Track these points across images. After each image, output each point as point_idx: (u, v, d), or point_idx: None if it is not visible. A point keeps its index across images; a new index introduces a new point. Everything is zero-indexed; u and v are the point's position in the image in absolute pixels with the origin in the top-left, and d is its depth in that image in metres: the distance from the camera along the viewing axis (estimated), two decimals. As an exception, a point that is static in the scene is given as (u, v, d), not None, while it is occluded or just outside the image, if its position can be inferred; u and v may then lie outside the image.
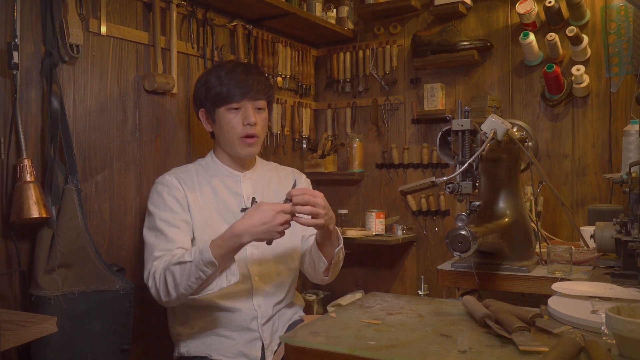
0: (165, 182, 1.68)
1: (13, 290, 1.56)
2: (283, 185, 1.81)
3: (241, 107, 1.67)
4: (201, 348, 1.62)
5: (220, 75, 1.68)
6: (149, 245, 1.60)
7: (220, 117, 1.69)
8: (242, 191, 1.73)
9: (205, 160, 1.80)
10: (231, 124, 1.67)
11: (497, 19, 2.53)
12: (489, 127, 1.37)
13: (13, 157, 1.54)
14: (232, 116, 1.67)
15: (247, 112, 1.67)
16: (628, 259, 1.32)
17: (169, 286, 1.49)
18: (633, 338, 0.83)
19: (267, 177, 1.82)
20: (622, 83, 2.26)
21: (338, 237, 1.64)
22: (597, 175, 2.32)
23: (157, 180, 1.72)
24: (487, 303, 1.10)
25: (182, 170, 1.74)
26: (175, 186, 1.67)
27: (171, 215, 1.62)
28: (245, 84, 1.67)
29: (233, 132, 1.68)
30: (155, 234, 1.60)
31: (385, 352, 0.91)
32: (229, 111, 1.67)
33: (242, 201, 1.72)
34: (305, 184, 1.88)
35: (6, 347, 1.09)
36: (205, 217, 1.66)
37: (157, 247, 1.58)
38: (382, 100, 2.79)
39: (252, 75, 1.70)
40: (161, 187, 1.67)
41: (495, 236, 1.44)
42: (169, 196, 1.64)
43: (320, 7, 2.65)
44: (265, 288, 1.67)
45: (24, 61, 1.58)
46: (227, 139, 1.70)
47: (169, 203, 1.63)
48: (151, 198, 1.68)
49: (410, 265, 2.74)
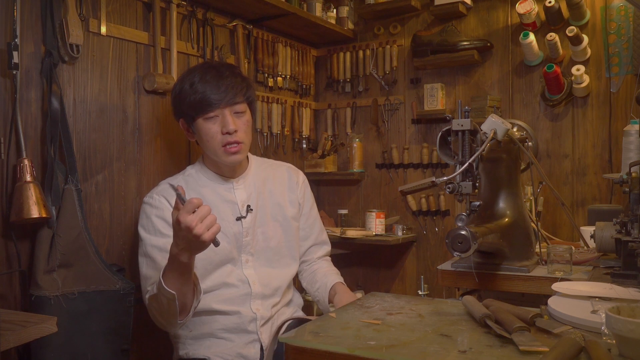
0: (154, 203, 1.61)
1: (13, 290, 1.56)
2: (278, 186, 1.78)
3: (219, 115, 1.58)
4: (200, 350, 1.62)
5: (193, 82, 1.59)
6: (143, 277, 1.57)
7: (198, 127, 1.61)
8: (237, 199, 1.68)
9: (195, 169, 1.72)
10: (210, 133, 1.59)
11: (497, 19, 2.53)
12: (489, 127, 1.37)
13: (13, 157, 1.54)
14: (211, 125, 1.59)
15: (225, 120, 1.58)
16: (628, 259, 1.32)
17: (160, 319, 1.48)
18: (633, 338, 0.83)
19: (261, 178, 1.76)
20: (622, 83, 2.26)
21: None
22: (597, 175, 2.32)
23: (145, 199, 1.64)
24: (487, 303, 1.09)
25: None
26: (164, 206, 1.60)
27: (161, 240, 1.56)
28: (218, 90, 1.57)
29: (213, 142, 1.59)
30: (147, 262, 1.57)
31: (385, 352, 0.91)
32: (207, 120, 1.58)
33: (237, 210, 1.66)
34: (302, 185, 1.84)
35: (6, 347, 1.09)
36: None
37: (150, 278, 1.54)
38: (382, 100, 2.79)
39: (226, 79, 1.60)
40: (149, 208, 1.61)
41: (495, 236, 1.44)
42: (157, 219, 1.59)
43: (320, 7, 2.65)
44: (263, 291, 1.66)
45: (24, 61, 1.58)
46: (210, 149, 1.62)
47: (158, 226, 1.58)
48: (141, 220, 1.63)
49: (410, 265, 2.74)
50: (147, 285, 1.54)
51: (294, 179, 1.82)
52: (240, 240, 1.66)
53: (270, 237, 1.70)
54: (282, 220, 1.75)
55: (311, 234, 1.82)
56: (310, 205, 1.84)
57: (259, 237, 1.68)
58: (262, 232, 1.70)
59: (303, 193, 1.82)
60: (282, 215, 1.75)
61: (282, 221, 1.75)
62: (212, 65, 1.66)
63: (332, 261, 1.91)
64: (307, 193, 1.84)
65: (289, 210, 1.77)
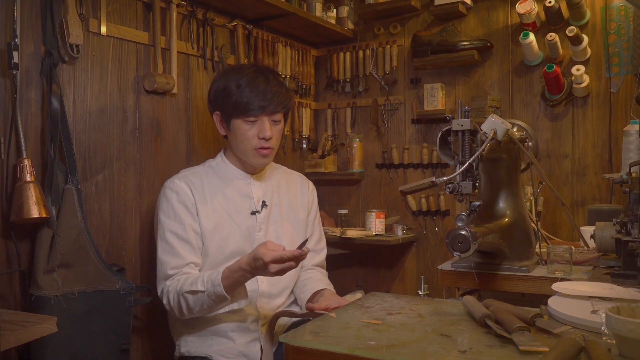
0: (175, 188, 1.66)
1: (13, 290, 1.56)
2: (292, 189, 1.84)
3: (258, 120, 1.65)
4: (201, 348, 1.62)
5: (240, 84, 1.64)
6: (160, 261, 1.62)
7: (236, 126, 1.67)
8: (253, 194, 1.73)
9: (216, 162, 1.78)
10: (246, 135, 1.65)
11: (497, 19, 2.53)
12: (489, 127, 1.37)
13: (13, 157, 1.54)
14: (248, 127, 1.65)
15: (264, 126, 1.64)
16: (628, 259, 1.31)
17: (183, 309, 1.54)
18: (633, 338, 0.83)
19: (276, 180, 1.82)
20: (622, 83, 2.26)
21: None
22: (597, 175, 2.31)
23: (165, 184, 1.70)
24: (487, 303, 1.09)
25: (192, 173, 1.73)
26: (185, 192, 1.65)
27: (180, 226, 1.62)
28: (264, 97, 1.63)
29: (248, 144, 1.66)
30: (164, 246, 1.62)
31: (385, 352, 0.91)
32: (246, 122, 1.65)
33: (252, 204, 1.72)
34: (312, 192, 1.90)
35: (6, 347, 1.09)
36: (214, 223, 1.65)
37: (168, 264, 1.60)
38: (382, 100, 2.79)
39: (273, 87, 1.66)
40: (170, 193, 1.66)
41: (495, 236, 1.44)
42: (178, 204, 1.64)
43: (320, 7, 2.65)
44: (270, 290, 1.67)
45: (24, 61, 1.58)
46: (240, 148, 1.68)
47: (178, 211, 1.63)
48: (160, 204, 1.67)
49: (410, 265, 2.74)
50: (166, 270, 1.60)
51: (305, 186, 1.89)
52: (253, 235, 1.69)
53: (282, 235, 1.74)
54: (294, 221, 1.79)
55: (309, 240, 1.83)
56: (315, 213, 1.89)
57: (272, 235, 1.72)
58: (275, 229, 1.74)
59: (312, 200, 1.89)
60: (295, 216, 1.80)
61: (294, 222, 1.79)
62: (260, 70, 1.71)
63: (331, 261, 1.92)
64: (314, 201, 1.90)
65: (301, 213, 1.82)
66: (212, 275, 1.49)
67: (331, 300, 1.54)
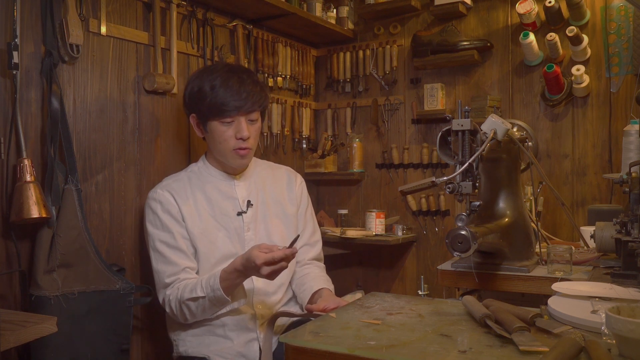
0: (158, 198, 1.67)
1: (13, 290, 1.56)
2: (278, 185, 1.82)
3: (234, 120, 1.64)
4: (199, 348, 1.62)
5: (214, 85, 1.63)
6: (156, 272, 1.64)
7: (212, 128, 1.66)
8: (237, 195, 1.73)
9: (197, 166, 1.78)
10: (223, 136, 1.64)
11: (497, 19, 2.53)
12: (489, 127, 1.37)
13: (13, 157, 1.54)
14: (225, 128, 1.64)
15: (241, 126, 1.64)
16: (628, 259, 1.31)
17: (187, 315, 1.57)
18: (633, 338, 0.83)
19: (260, 178, 1.81)
20: (622, 83, 2.26)
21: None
22: (597, 175, 2.31)
23: (149, 194, 1.70)
24: (487, 303, 1.09)
25: (174, 180, 1.73)
26: (168, 200, 1.66)
27: (169, 235, 1.63)
28: (239, 97, 1.62)
29: (225, 145, 1.65)
30: (159, 257, 1.63)
31: (385, 352, 0.91)
32: (222, 124, 1.64)
33: (237, 205, 1.71)
34: (300, 185, 1.87)
35: (6, 347, 1.09)
36: (201, 227, 1.66)
37: (164, 272, 1.61)
38: (382, 100, 2.79)
39: (247, 86, 1.64)
40: (154, 203, 1.66)
41: (495, 236, 1.44)
42: (164, 213, 1.64)
43: (320, 7, 2.65)
44: (266, 287, 1.67)
45: (24, 61, 1.58)
46: (219, 150, 1.68)
47: (165, 221, 1.64)
48: (147, 215, 1.68)
49: (410, 265, 2.74)
50: (163, 279, 1.61)
51: (292, 179, 1.87)
52: (241, 236, 1.69)
53: (272, 233, 1.73)
54: (283, 217, 1.78)
55: (303, 234, 1.83)
56: (305, 206, 1.86)
57: (262, 233, 1.72)
58: (264, 228, 1.73)
59: (300, 193, 1.86)
60: (283, 212, 1.78)
61: (284, 218, 1.78)
62: (233, 70, 1.69)
63: (331, 261, 1.92)
64: (304, 194, 1.87)
65: (289, 208, 1.80)
66: (210, 279, 1.50)
67: (329, 301, 1.54)
